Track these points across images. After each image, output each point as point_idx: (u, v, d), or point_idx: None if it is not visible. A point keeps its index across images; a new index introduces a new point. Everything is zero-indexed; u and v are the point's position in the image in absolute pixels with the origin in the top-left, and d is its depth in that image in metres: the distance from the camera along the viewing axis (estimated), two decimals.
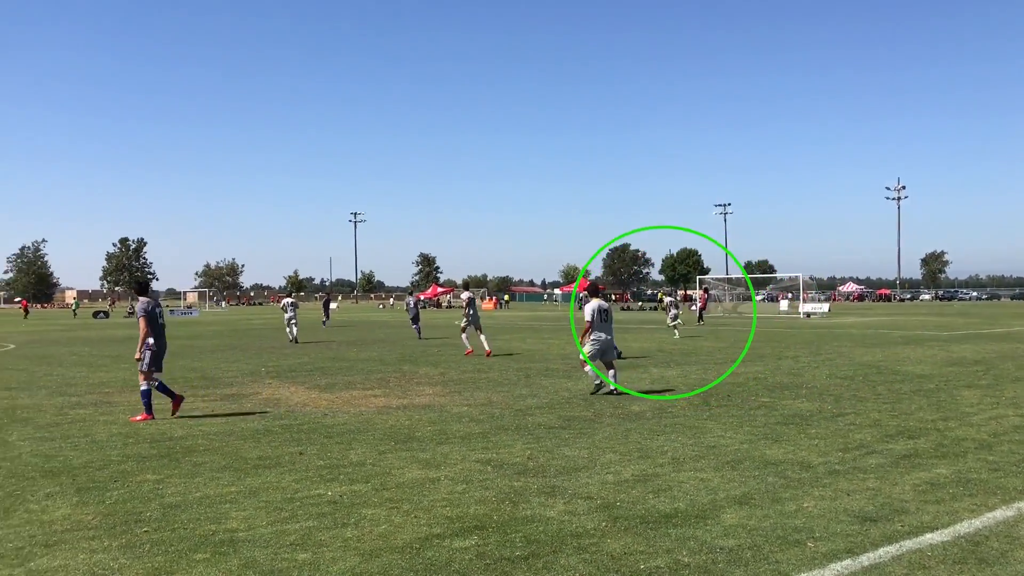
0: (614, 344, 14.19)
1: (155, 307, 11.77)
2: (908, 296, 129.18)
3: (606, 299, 21.09)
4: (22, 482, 7.72)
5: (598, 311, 13.86)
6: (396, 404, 12.75)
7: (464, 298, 23.54)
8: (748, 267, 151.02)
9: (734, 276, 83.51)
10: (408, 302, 34.02)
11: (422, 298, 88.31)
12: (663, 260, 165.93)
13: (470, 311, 22.87)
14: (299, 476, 7.82)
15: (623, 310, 76.07)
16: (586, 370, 13.93)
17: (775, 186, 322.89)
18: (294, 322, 29.66)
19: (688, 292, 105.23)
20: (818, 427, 10.23)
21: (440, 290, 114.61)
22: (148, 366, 11.49)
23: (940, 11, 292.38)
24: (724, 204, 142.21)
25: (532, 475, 7.75)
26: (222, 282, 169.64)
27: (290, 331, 29.36)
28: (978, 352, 21.54)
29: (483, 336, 22.66)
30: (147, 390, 11.50)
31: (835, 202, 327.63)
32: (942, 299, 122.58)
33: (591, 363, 13.79)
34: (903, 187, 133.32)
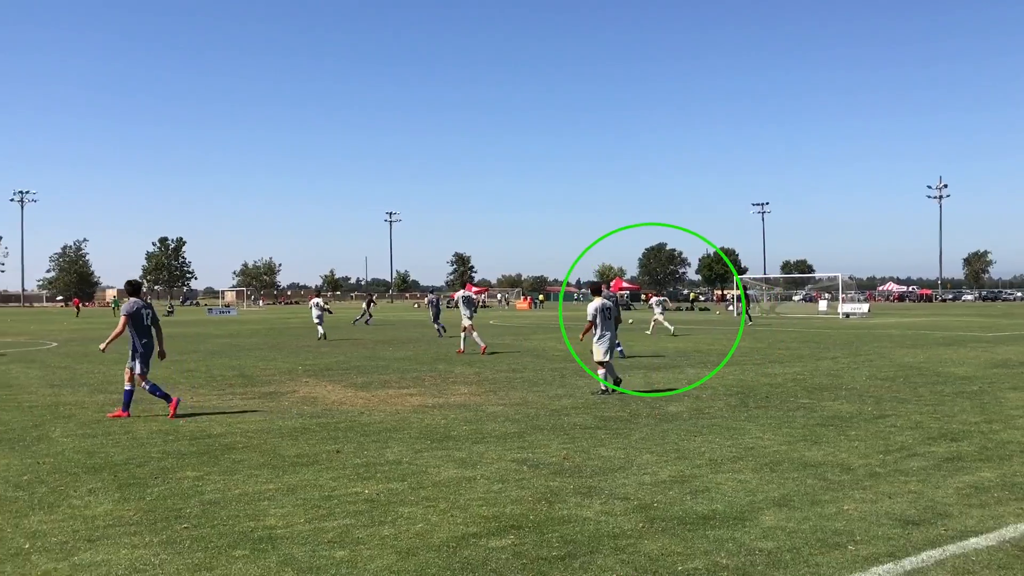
0: (616, 343, 14.19)
1: (142, 308, 11.75)
2: (950, 296, 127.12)
3: (613, 298, 21.40)
4: (65, 477, 7.84)
5: (601, 310, 13.86)
6: (432, 403, 12.79)
7: (460, 298, 24.19)
8: (787, 267, 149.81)
9: (772, 276, 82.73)
10: (430, 300, 34.53)
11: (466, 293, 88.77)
12: (700, 260, 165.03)
13: (468, 310, 23.20)
14: (336, 474, 7.87)
15: None
16: (603, 372, 13.87)
17: (814, 185, 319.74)
18: (318, 322, 30.68)
19: (724, 292, 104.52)
20: (858, 429, 10.10)
21: (475, 289, 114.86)
22: (141, 369, 11.63)
23: (980, 2, 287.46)
24: (762, 203, 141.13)
25: (568, 475, 7.73)
26: (259, 281, 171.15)
27: (320, 331, 30.45)
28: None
29: (476, 335, 23.10)
30: (130, 390, 11.72)
31: (875, 201, 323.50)
32: (985, 299, 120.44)
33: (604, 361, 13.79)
34: (945, 185, 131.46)
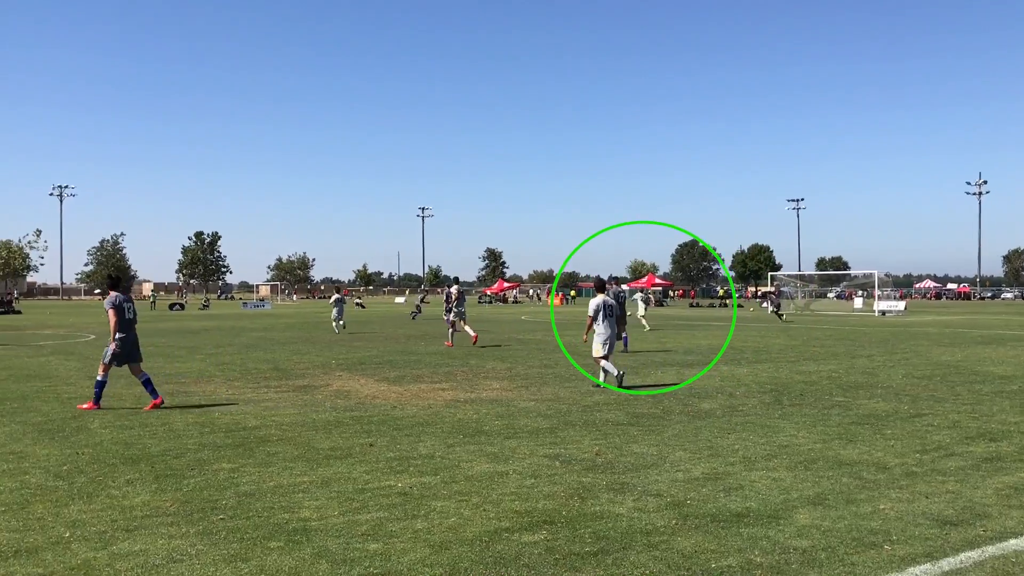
0: (618, 339, 14.34)
1: (124, 301, 11.92)
2: (989, 294, 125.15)
3: (623, 294, 22.68)
4: (103, 468, 7.96)
5: (603, 307, 13.92)
6: (464, 398, 12.82)
7: (454, 292, 25.11)
8: (822, 264, 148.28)
9: (807, 273, 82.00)
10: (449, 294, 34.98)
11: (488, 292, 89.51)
12: (733, 256, 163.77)
13: (454, 305, 24.38)
14: (370, 467, 7.92)
15: (691, 307, 75.24)
16: (603, 365, 14.00)
17: (850, 181, 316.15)
18: (336, 317, 31.63)
19: (758, 289, 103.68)
20: (894, 428, 9.98)
21: (506, 285, 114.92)
22: (110, 360, 11.71)
23: None
24: (797, 199, 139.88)
25: (601, 471, 7.72)
26: (293, 275, 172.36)
27: (336, 325, 31.50)
28: None
29: (461, 327, 24.37)
30: (102, 381, 11.82)
31: (913, 197, 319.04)
32: None
33: (605, 358, 13.98)
34: (984, 181, 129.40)
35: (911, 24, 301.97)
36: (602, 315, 14.00)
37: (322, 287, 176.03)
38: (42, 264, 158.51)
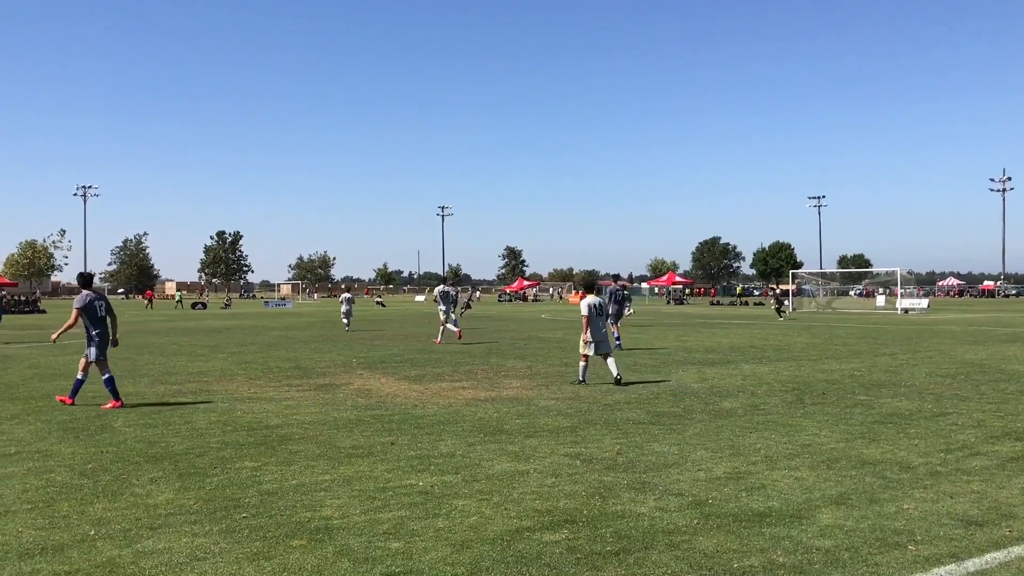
0: (609, 335, 14.91)
1: (95, 300, 12.07)
2: (1014, 292, 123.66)
3: (619, 292, 23.69)
4: (127, 466, 8.03)
5: (594, 307, 14.29)
6: (484, 396, 12.84)
7: (437, 292, 25.73)
8: (843, 261, 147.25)
9: (828, 270, 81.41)
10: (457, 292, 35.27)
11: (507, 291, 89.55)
12: (754, 254, 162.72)
13: (445, 305, 24.86)
14: (391, 466, 7.94)
15: (712, 305, 74.88)
16: (583, 365, 14.38)
17: (872, 179, 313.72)
18: (344, 315, 32.18)
19: (782, 287, 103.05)
20: (918, 427, 9.90)
21: (526, 283, 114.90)
22: (97, 356, 11.86)
23: None
24: (818, 197, 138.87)
25: (622, 470, 7.70)
26: (314, 274, 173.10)
27: (345, 322, 32.08)
28: None
29: (450, 324, 24.91)
30: (81, 380, 12.03)
31: (936, 194, 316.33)
32: None
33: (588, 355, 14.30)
34: (1008, 178, 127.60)
35: (934, 20, 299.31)
36: (595, 315, 14.28)
37: (342, 285, 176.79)
38: (66, 264, 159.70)
